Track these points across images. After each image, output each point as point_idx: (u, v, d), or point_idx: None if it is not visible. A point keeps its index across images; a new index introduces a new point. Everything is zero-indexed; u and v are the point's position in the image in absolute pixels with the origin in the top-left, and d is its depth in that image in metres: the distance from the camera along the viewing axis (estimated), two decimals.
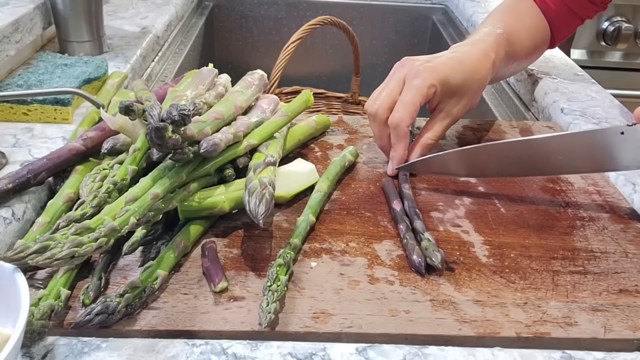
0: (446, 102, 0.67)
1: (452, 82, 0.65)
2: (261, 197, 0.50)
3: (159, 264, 0.47)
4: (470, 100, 0.68)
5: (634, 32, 1.59)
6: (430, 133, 0.66)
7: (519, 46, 0.77)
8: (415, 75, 0.64)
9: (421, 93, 0.63)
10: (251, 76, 0.69)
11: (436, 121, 0.67)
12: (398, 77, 0.65)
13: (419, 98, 0.63)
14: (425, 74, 0.63)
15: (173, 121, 0.49)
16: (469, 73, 0.67)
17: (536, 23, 0.80)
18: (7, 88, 0.71)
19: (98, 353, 0.41)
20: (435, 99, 0.66)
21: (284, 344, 0.43)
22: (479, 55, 0.69)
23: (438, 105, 0.67)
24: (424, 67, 0.64)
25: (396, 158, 0.64)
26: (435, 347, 0.44)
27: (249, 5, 1.47)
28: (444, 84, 0.65)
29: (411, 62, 0.66)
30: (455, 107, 0.67)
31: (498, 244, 0.55)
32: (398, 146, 0.64)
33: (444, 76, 0.64)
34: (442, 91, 0.65)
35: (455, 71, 0.66)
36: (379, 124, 0.65)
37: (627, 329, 0.46)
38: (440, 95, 0.66)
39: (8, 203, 0.53)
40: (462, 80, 0.66)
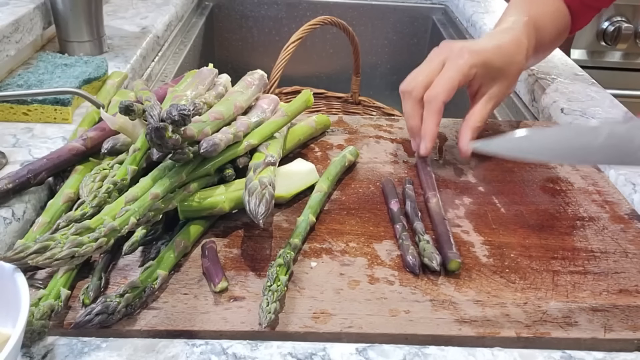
0: (488, 86, 0.67)
1: (493, 66, 0.66)
2: (261, 197, 0.50)
3: (159, 264, 0.47)
4: (509, 84, 0.69)
5: (634, 32, 1.59)
6: (477, 116, 0.66)
7: (545, 33, 0.77)
8: (457, 56, 0.64)
9: (462, 72, 0.63)
10: (251, 76, 0.69)
11: (480, 104, 0.66)
12: (438, 59, 0.65)
13: (458, 76, 0.62)
14: (466, 55, 0.64)
15: (173, 121, 0.49)
16: (508, 57, 0.67)
17: (557, 8, 0.80)
18: (7, 88, 0.71)
19: (98, 353, 0.41)
20: (476, 82, 0.66)
21: (284, 344, 0.43)
22: (514, 41, 0.69)
23: (480, 89, 0.67)
24: (466, 49, 0.64)
25: (428, 134, 0.63)
26: (435, 347, 0.44)
27: (249, 5, 1.47)
28: (486, 66, 0.65)
29: (451, 45, 0.66)
30: (497, 90, 0.67)
31: (498, 244, 0.55)
32: (430, 121, 0.63)
33: (485, 59, 0.65)
34: (483, 74, 0.65)
35: (495, 55, 0.66)
36: (413, 101, 0.64)
37: (627, 329, 0.46)
38: (481, 79, 0.66)
39: (8, 203, 0.53)
40: (502, 64, 0.67)
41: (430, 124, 0.63)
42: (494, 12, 1.28)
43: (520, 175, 0.67)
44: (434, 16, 1.47)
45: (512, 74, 0.68)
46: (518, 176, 0.67)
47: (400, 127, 0.77)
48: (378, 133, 0.75)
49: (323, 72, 1.54)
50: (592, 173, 0.68)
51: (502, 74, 0.67)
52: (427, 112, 0.63)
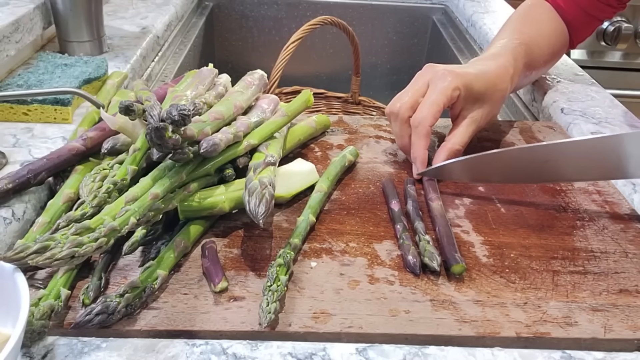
0: (469, 109, 0.67)
1: (475, 89, 0.66)
2: (261, 197, 0.50)
3: (159, 264, 0.47)
4: (492, 109, 0.69)
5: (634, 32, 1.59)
6: (457, 138, 0.66)
7: (537, 55, 0.78)
8: (440, 78, 0.64)
9: (445, 94, 0.63)
10: (251, 76, 0.69)
11: (462, 127, 0.67)
12: (422, 81, 0.66)
13: (443, 99, 0.63)
14: (450, 77, 0.64)
15: (173, 121, 0.49)
16: (491, 83, 0.68)
17: (554, 28, 0.81)
18: (7, 88, 0.71)
19: (98, 353, 0.41)
20: (458, 105, 0.66)
21: (284, 344, 0.43)
22: (499, 69, 0.70)
23: (461, 111, 0.67)
24: (448, 72, 0.65)
25: (418, 158, 0.64)
26: (435, 347, 0.44)
27: (249, 5, 1.47)
28: (468, 89, 0.65)
29: (434, 68, 0.66)
30: (478, 114, 0.67)
31: (498, 244, 0.55)
32: (419, 145, 0.63)
33: (467, 82, 0.65)
34: (466, 97, 0.66)
35: (478, 78, 0.67)
36: (400, 122, 0.65)
37: (627, 329, 0.46)
38: (464, 101, 0.66)
39: (8, 203, 0.53)
40: (485, 88, 0.67)
41: (420, 148, 0.63)
42: (494, 12, 1.28)
43: None
44: (434, 16, 1.47)
45: (494, 100, 0.69)
46: None
47: None
48: (378, 133, 0.75)
49: (323, 72, 1.54)
50: None
51: (484, 98, 0.67)
52: (415, 137, 0.64)
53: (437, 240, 0.54)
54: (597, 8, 0.81)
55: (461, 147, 0.66)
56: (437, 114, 0.63)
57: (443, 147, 0.66)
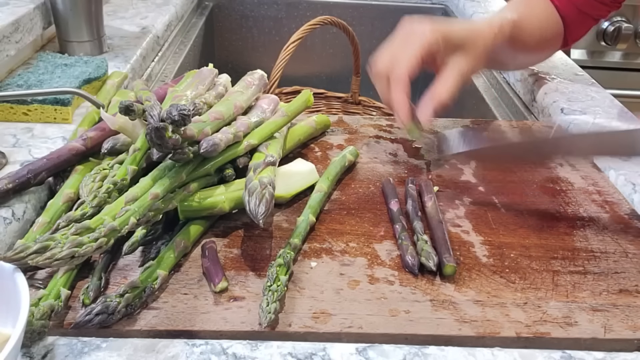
0: (451, 58, 0.66)
1: (454, 37, 0.66)
2: (261, 197, 0.50)
3: (159, 264, 0.47)
4: (475, 59, 0.67)
5: (634, 32, 1.59)
6: (441, 86, 0.64)
7: (526, 33, 0.77)
8: (417, 31, 0.65)
9: (423, 45, 0.63)
10: (251, 76, 0.69)
11: (446, 75, 0.65)
12: (401, 36, 0.66)
13: (420, 50, 0.63)
14: (427, 29, 0.64)
15: (173, 121, 0.49)
16: (471, 32, 0.68)
17: (548, 15, 0.81)
18: (7, 88, 0.71)
19: (98, 353, 0.41)
20: (439, 58, 0.66)
21: (284, 344, 0.43)
22: (481, 24, 0.71)
23: (443, 62, 0.66)
24: (425, 25, 0.65)
25: (398, 109, 0.63)
26: (435, 347, 0.44)
27: (249, 5, 1.47)
28: (446, 39, 0.65)
29: (413, 22, 0.67)
30: (461, 62, 0.66)
31: (498, 244, 0.55)
32: (396, 96, 0.63)
33: (445, 32, 0.65)
34: (445, 47, 0.65)
35: (456, 29, 0.67)
36: (381, 80, 0.65)
37: (627, 329, 0.46)
38: (444, 52, 0.65)
39: (8, 203, 0.53)
40: (464, 36, 0.66)
41: (397, 99, 0.63)
42: (494, 12, 1.27)
43: (520, 175, 0.67)
44: (433, 16, 1.47)
45: (476, 48, 0.67)
46: (518, 176, 0.67)
47: (400, 127, 0.77)
48: (378, 133, 0.75)
49: (323, 72, 1.54)
50: (592, 173, 0.68)
51: (465, 46, 0.66)
52: (392, 85, 0.63)
53: (433, 241, 0.54)
54: (592, 6, 0.80)
55: (447, 96, 0.64)
56: (414, 64, 0.63)
57: (427, 98, 0.64)
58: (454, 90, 0.65)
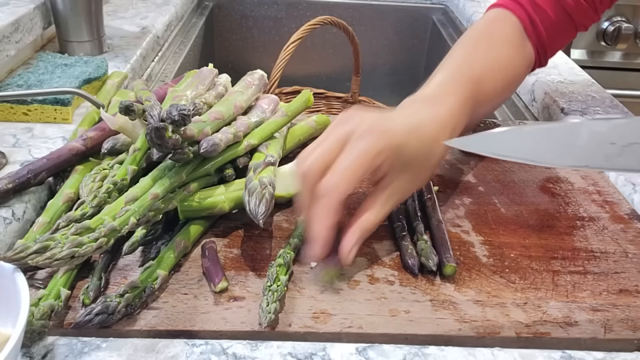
0: (394, 177, 0.51)
1: (405, 152, 0.51)
2: (261, 197, 0.50)
3: (159, 264, 0.47)
4: (421, 178, 0.55)
5: (634, 32, 1.59)
6: (372, 215, 0.51)
7: (488, 89, 0.63)
8: (362, 137, 0.49)
9: (366, 159, 0.48)
10: (251, 76, 0.69)
11: (379, 200, 0.51)
12: (340, 134, 0.50)
13: (361, 165, 0.48)
14: (374, 137, 0.49)
15: (173, 121, 0.49)
16: (426, 143, 0.52)
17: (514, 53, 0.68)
18: (7, 88, 0.71)
19: (98, 353, 0.41)
20: (381, 170, 0.51)
21: (284, 344, 0.43)
22: (437, 122, 0.54)
23: (384, 178, 0.52)
24: (375, 128, 0.49)
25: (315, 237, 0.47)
26: (435, 347, 0.44)
27: (249, 5, 1.47)
28: (397, 153, 0.50)
29: (358, 118, 0.51)
30: (403, 184, 0.52)
31: (498, 244, 0.55)
32: (319, 220, 0.47)
33: (396, 144, 0.50)
34: (392, 162, 0.50)
35: (410, 138, 0.51)
36: (307, 187, 0.49)
37: (627, 329, 0.46)
38: (389, 167, 0.50)
39: (8, 203, 0.53)
40: (417, 151, 0.52)
41: (319, 225, 0.47)
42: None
43: (520, 175, 0.67)
44: (434, 16, 1.47)
45: (427, 166, 0.54)
46: (518, 176, 0.67)
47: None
48: None
49: (323, 72, 1.54)
50: (592, 173, 0.68)
51: (415, 164, 0.52)
52: (318, 209, 0.47)
53: (432, 241, 0.54)
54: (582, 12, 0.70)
55: (374, 226, 0.51)
56: (352, 183, 0.48)
57: (353, 227, 0.50)
58: (383, 217, 0.52)
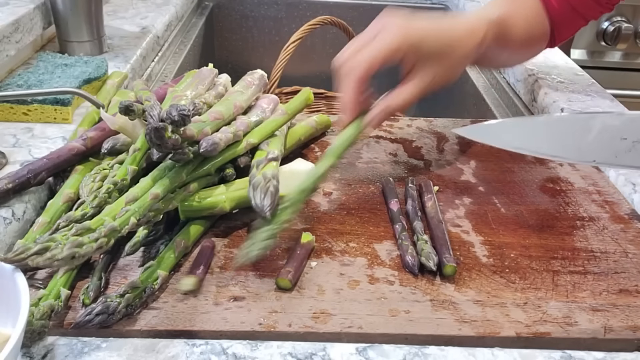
0: (421, 67, 0.60)
1: (425, 47, 0.60)
2: (266, 190, 0.50)
3: (159, 264, 0.47)
4: (448, 72, 0.62)
5: (634, 32, 1.59)
6: (395, 95, 0.60)
7: (514, 33, 0.72)
8: (387, 30, 0.59)
9: (388, 47, 0.58)
10: (251, 76, 0.69)
11: (405, 85, 0.61)
12: (372, 30, 0.60)
13: (383, 52, 0.58)
14: (397, 31, 0.58)
15: (173, 121, 0.49)
16: (450, 42, 0.62)
17: (535, 14, 0.76)
18: (7, 88, 0.71)
19: (98, 353, 0.41)
20: (408, 62, 0.60)
21: (284, 344, 0.43)
22: (465, 31, 0.64)
23: (413, 68, 0.61)
24: (401, 25, 0.59)
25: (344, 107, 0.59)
26: (435, 347, 0.44)
27: (249, 5, 1.47)
28: (417, 47, 0.59)
29: (390, 17, 0.61)
30: (429, 74, 0.61)
31: (498, 244, 0.55)
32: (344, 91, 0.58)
33: (416, 40, 0.59)
34: (415, 53, 0.59)
35: (432, 36, 0.60)
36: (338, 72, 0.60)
37: (627, 329, 0.46)
38: (414, 58, 0.60)
39: (8, 203, 0.53)
40: (439, 47, 0.61)
41: (345, 95, 0.59)
42: None
43: (520, 175, 0.67)
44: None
45: (452, 61, 0.62)
46: (518, 176, 0.67)
47: (400, 127, 0.77)
48: (378, 133, 0.75)
49: (323, 72, 1.54)
50: (592, 173, 0.68)
51: (439, 58, 0.61)
52: (343, 83, 0.59)
53: (432, 241, 0.54)
54: (586, 5, 0.77)
55: (398, 107, 0.60)
56: (372, 66, 0.58)
57: (380, 103, 0.60)
58: (410, 102, 0.60)
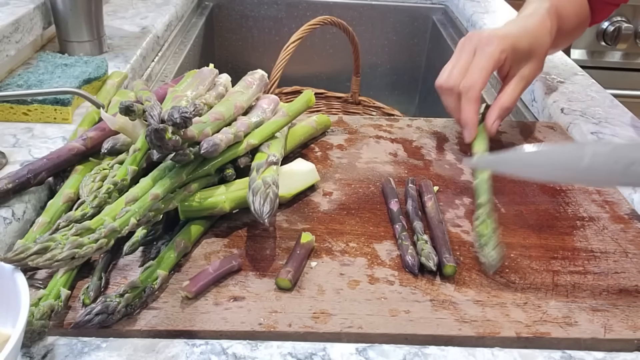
0: (517, 67, 0.70)
1: (521, 48, 0.69)
2: (265, 196, 0.50)
3: (159, 264, 0.47)
4: (538, 65, 0.72)
5: (634, 32, 1.59)
6: (507, 96, 0.69)
7: (566, 20, 0.79)
8: (486, 44, 0.67)
9: (493, 58, 0.66)
10: (251, 76, 0.69)
11: (511, 85, 0.70)
12: (468, 49, 0.69)
13: (491, 63, 0.66)
14: (495, 41, 0.67)
15: (174, 123, 0.49)
16: (534, 38, 0.71)
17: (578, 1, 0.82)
18: (7, 88, 0.71)
19: (98, 353, 0.41)
20: (506, 66, 0.70)
21: (284, 344, 0.43)
22: (538, 23, 0.73)
23: (510, 71, 0.71)
24: (493, 36, 0.68)
25: (469, 123, 0.67)
26: (435, 347, 0.44)
27: (249, 5, 1.47)
28: (514, 50, 0.68)
29: (479, 34, 0.69)
30: (526, 70, 0.70)
31: None
32: (469, 110, 0.66)
33: (512, 42, 0.68)
34: (512, 57, 0.69)
35: (522, 37, 0.70)
36: (456, 96, 0.67)
37: (627, 329, 0.46)
38: (511, 61, 0.69)
39: (8, 203, 0.53)
40: (529, 45, 0.70)
41: (469, 113, 0.66)
42: (494, 12, 1.28)
43: None
44: (434, 16, 1.47)
45: (539, 54, 0.72)
46: None
47: (400, 127, 0.77)
48: (378, 133, 0.75)
49: (323, 72, 1.54)
50: None
51: (530, 55, 0.70)
52: (465, 102, 0.66)
53: (432, 241, 0.54)
54: None
55: (511, 105, 0.69)
56: (486, 79, 0.66)
57: (494, 106, 0.69)
58: (517, 98, 0.70)
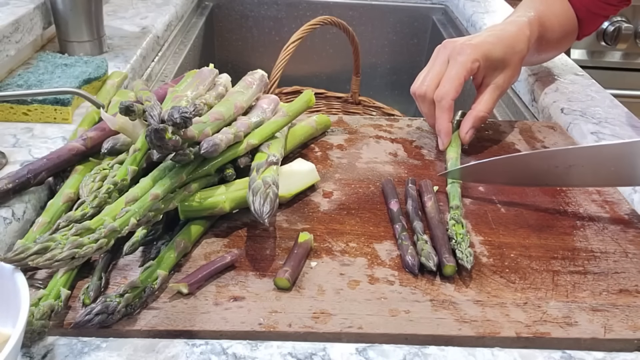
0: (491, 76, 0.72)
1: (494, 56, 0.70)
2: (265, 196, 0.50)
3: (159, 264, 0.47)
4: (512, 73, 0.73)
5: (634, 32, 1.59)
6: (482, 105, 0.71)
7: (550, 31, 0.80)
8: (459, 53, 0.69)
9: (465, 68, 0.68)
10: (251, 76, 0.69)
11: (486, 94, 0.71)
12: (442, 58, 0.70)
13: (463, 72, 0.67)
14: (468, 50, 0.68)
15: (175, 124, 0.49)
16: (509, 47, 0.72)
17: (565, 11, 0.83)
18: (7, 88, 0.71)
19: (98, 353, 0.41)
20: (479, 74, 0.71)
21: (284, 344, 0.43)
22: (515, 32, 0.74)
23: (484, 79, 0.72)
24: (466, 45, 0.69)
25: (442, 131, 0.68)
26: (435, 347, 0.44)
27: (249, 5, 1.47)
28: (487, 58, 0.70)
29: (452, 43, 0.70)
30: (500, 79, 0.72)
31: (498, 244, 0.55)
32: (442, 118, 0.68)
33: (486, 51, 0.69)
34: (486, 65, 0.70)
35: (495, 46, 0.71)
36: (428, 103, 0.69)
37: (627, 329, 0.46)
38: (485, 70, 0.70)
39: (8, 203, 0.53)
40: (503, 54, 0.71)
41: (443, 122, 0.68)
42: (494, 12, 1.28)
43: None
44: (434, 16, 1.47)
45: (514, 63, 0.72)
46: None
47: (400, 127, 0.77)
48: (378, 133, 0.75)
49: (323, 72, 1.54)
50: None
51: (504, 64, 0.71)
52: (439, 111, 0.68)
53: (432, 241, 0.54)
54: (599, 7, 0.82)
55: (486, 114, 0.70)
56: (459, 87, 0.67)
57: (469, 115, 0.70)
58: (492, 107, 0.71)
